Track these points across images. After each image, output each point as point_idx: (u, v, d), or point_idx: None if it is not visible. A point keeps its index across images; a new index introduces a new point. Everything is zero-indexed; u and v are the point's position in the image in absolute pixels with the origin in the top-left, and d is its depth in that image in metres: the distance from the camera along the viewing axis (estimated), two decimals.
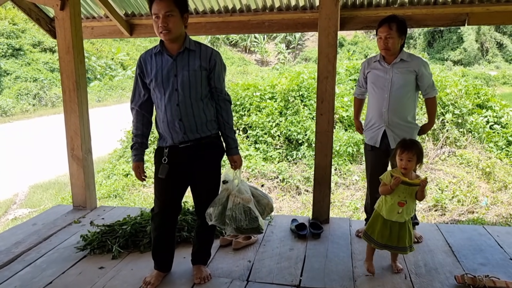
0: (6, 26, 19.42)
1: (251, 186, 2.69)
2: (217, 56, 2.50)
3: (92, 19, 4.62)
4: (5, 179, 8.07)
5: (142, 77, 2.49)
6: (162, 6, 2.28)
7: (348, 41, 30.54)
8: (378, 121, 3.19)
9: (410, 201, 2.66)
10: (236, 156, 2.61)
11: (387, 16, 3.13)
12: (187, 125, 2.45)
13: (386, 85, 3.14)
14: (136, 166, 2.56)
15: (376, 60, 3.24)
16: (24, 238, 3.40)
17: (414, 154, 2.62)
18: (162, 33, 2.34)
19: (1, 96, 16.77)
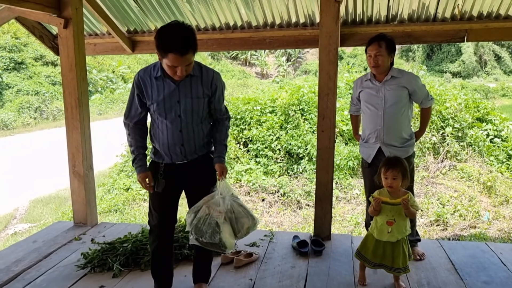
0: (8, 40, 19.56)
1: (239, 202, 2.53)
2: (218, 80, 2.50)
3: (94, 36, 4.67)
4: (6, 193, 8.05)
5: (141, 97, 2.43)
6: (183, 61, 2.21)
7: (347, 54, 30.73)
8: (374, 138, 3.24)
9: (399, 220, 2.63)
10: (218, 164, 2.52)
11: (376, 34, 3.19)
12: (187, 149, 2.48)
13: (379, 103, 3.17)
14: (145, 176, 2.49)
15: (367, 79, 3.28)
16: (24, 256, 3.39)
17: (398, 171, 2.61)
18: (177, 77, 2.29)
19: (3, 109, 16.82)
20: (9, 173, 9.36)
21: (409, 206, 2.57)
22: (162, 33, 2.21)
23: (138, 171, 2.50)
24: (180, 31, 2.18)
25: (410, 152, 3.25)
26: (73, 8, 3.64)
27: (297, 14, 4.05)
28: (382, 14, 3.92)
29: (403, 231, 2.65)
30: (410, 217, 2.65)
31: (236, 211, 2.47)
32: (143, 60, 24.89)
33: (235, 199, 2.51)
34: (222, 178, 2.48)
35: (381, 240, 2.67)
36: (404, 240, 2.69)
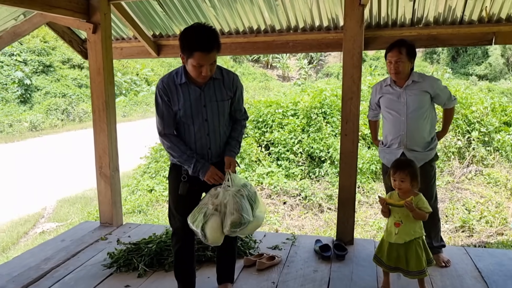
0: (37, 44, 20.15)
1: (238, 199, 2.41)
2: (238, 81, 2.57)
3: (121, 40, 4.78)
4: (34, 193, 8.29)
5: (170, 104, 2.44)
6: (208, 59, 2.26)
7: (370, 57, 30.39)
8: (396, 143, 3.20)
9: (406, 221, 2.59)
10: (226, 157, 2.52)
11: (396, 40, 3.14)
12: (214, 152, 2.53)
13: (401, 108, 3.13)
14: (215, 170, 2.45)
15: (387, 84, 3.24)
16: (53, 255, 3.49)
17: (406, 174, 2.57)
18: (202, 78, 2.33)
19: (32, 111, 17.33)
20: (37, 173, 9.63)
21: (414, 208, 2.52)
22: (187, 33, 2.27)
23: (205, 170, 2.45)
24: (203, 30, 2.25)
25: (432, 155, 3.21)
26: (101, 13, 3.74)
27: (321, 17, 4.05)
28: (407, 17, 3.88)
29: (411, 233, 2.59)
30: (418, 219, 2.59)
31: (229, 207, 2.39)
32: (166, 63, 25.24)
33: (237, 195, 2.42)
34: (229, 171, 2.47)
35: (393, 243, 2.64)
36: (418, 243, 2.63)
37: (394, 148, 3.22)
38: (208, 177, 2.45)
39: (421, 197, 2.61)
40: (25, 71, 18.37)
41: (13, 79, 17.88)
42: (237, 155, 2.61)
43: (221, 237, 2.45)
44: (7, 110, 17.03)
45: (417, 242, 2.63)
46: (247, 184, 2.54)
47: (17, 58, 18.94)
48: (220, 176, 2.47)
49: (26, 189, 8.42)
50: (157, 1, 4.11)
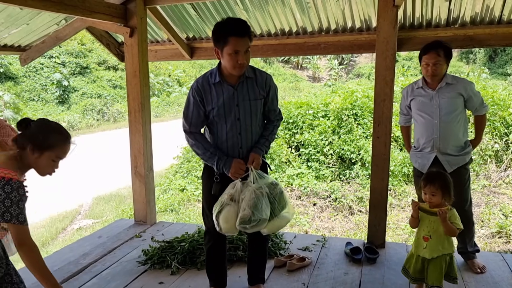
0: (75, 47, 20.86)
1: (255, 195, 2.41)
2: (272, 81, 2.60)
3: (156, 43, 4.91)
4: (72, 190, 8.61)
5: (201, 105, 2.49)
6: (243, 44, 2.32)
7: (402, 57, 29.77)
8: (429, 147, 3.13)
9: (435, 237, 2.47)
10: (252, 153, 2.52)
11: (433, 42, 3.07)
12: (245, 151, 2.55)
13: (434, 111, 3.07)
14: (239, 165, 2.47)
15: (418, 86, 3.17)
16: (90, 250, 3.63)
17: (437, 187, 2.42)
18: (238, 68, 2.37)
19: (69, 111, 17.97)
20: (74, 171, 9.98)
21: (446, 219, 2.39)
22: (220, 24, 2.37)
23: (229, 165, 2.48)
24: (235, 18, 2.38)
25: (467, 159, 3.13)
26: (138, 17, 3.86)
27: (353, 19, 4.03)
28: (442, 17, 3.81)
29: (439, 249, 2.48)
30: (448, 234, 2.45)
31: (244, 202, 2.40)
32: (197, 64, 25.58)
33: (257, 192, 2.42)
34: (251, 166, 2.47)
35: (421, 256, 2.56)
36: (445, 260, 2.50)
37: (426, 152, 3.15)
38: (233, 173, 2.47)
39: (454, 212, 2.48)
40: (63, 72, 19.07)
41: (52, 81, 18.59)
42: (264, 153, 2.60)
43: (234, 228, 2.45)
44: (47, 110, 17.72)
45: (444, 258, 2.50)
46: (275, 183, 2.53)
47: (56, 60, 19.69)
48: (242, 173, 2.48)
49: (64, 186, 8.74)
50: (191, 4, 4.20)
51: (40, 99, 18.22)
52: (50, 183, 8.88)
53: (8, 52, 4.35)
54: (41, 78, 18.77)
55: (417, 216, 2.54)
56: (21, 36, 4.21)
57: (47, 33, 4.28)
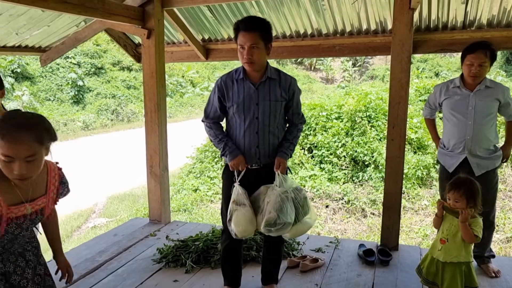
0: (90, 47, 21.15)
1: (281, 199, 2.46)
2: (295, 85, 2.62)
3: (172, 45, 4.97)
4: (86, 189, 8.73)
5: (222, 100, 2.58)
6: (248, 39, 2.39)
7: (417, 59, 29.50)
8: (460, 148, 3.09)
9: (452, 241, 2.42)
10: (277, 158, 2.57)
11: (480, 42, 3.02)
12: (262, 152, 2.57)
13: (468, 112, 3.02)
14: (242, 159, 2.54)
15: (455, 86, 3.12)
16: (106, 248, 3.69)
17: (461, 194, 2.36)
18: (246, 63, 2.46)
19: (84, 111, 18.22)
20: (89, 170, 10.13)
21: (467, 220, 2.33)
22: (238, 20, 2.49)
23: (235, 154, 2.54)
24: (251, 16, 2.51)
25: (497, 164, 3.10)
26: (155, 20, 3.92)
27: (368, 21, 4.04)
28: (458, 19, 3.80)
29: (453, 255, 2.42)
30: (464, 237, 2.38)
31: (269, 206, 2.45)
32: (210, 65, 25.71)
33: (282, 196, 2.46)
34: (278, 171, 2.53)
35: (435, 258, 2.53)
36: (461, 269, 2.42)
37: (457, 152, 3.11)
38: (233, 163, 2.54)
39: (479, 220, 2.40)
40: (78, 73, 19.34)
41: (68, 81, 18.88)
42: (289, 157, 2.64)
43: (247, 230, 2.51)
44: (62, 110, 18.00)
45: (460, 267, 2.43)
46: (299, 188, 2.59)
47: (72, 60, 19.99)
48: (241, 168, 2.54)
49: (79, 185, 8.86)
50: (207, 6, 4.25)
51: (56, 99, 18.52)
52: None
53: (29, 53, 4.46)
54: (57, 78, 19.08)
55: (441, 215, 2.50)
56: (42, 38, 4.31)
57: (67, 34, 4.38)
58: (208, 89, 23.08)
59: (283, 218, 2.42)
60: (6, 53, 4.44)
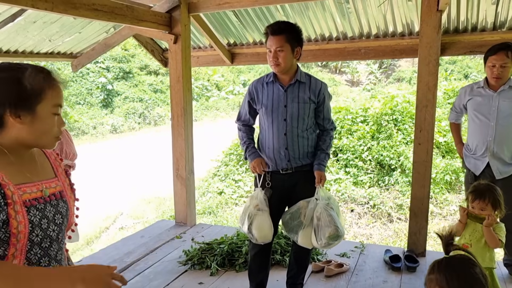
0: (119, 52, 21.62)
1: (330, 212, 2.51)
2: (326, 90, 2.64)
3: (198, 49, 5.04)
4: (115, 191, 8.93)
5: (252, 104, 2.69)
6: (273, 42, 2.46)
7: (445, 60, 28.78)
8: (482, 150, 3.06)
9: (475, 247, 2.36)
10: (317, 172, 2.62)
11: (501, 43, 2.98)
12: (291, 154, 2.59)
13: (491, 113, 3.00)
14: (260, 161, 2.62)
15: (479, 86, 3.11)
16: (134, 249, 3.77)
17: (487, 203, 2.32)
18: (272, 66, 2.52)
19: (113, 114, 18.63)
20: (118, 172, 10.35)
21: (491, 224, 2.30)
22: None
23: (253, 157, 2.65)
24: (280, 20, 2.57)
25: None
26: (182, 25, 3.99)
27: (395, 23, 3.99)
28: (488, 21, 3.71)
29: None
30: (490, 244, 2.34)
31: (323, 220, 2.49)
32: (235, 69, 25.83)
33: (328, 208, 2.53)
34: (320, 185, 2.58)
35: None
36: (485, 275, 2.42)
37: (479, 154, 3.09)
38: (253, 165, 2.62)
39: (501, 225, 2.38)
40: (108, 77, 19.81)
41: (97, 85, 19.36)
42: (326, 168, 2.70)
43: (269, 235, 2.56)
44: (92, 113, 18.46)
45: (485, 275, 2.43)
46: (331, 197, 2.63)
47: (101, 65, 20.48)
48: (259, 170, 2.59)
49: (108, 187, 9.08)
50: (233, 11, 4.29)
51: (86, 103, 19.00)
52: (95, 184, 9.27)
53: (61, 59, 4.62)
54: (87, 82, 19.59)
55: (465, 221, 2.46)
56: (73, 44, 4.45)
57: (97, 40, 4.51)
58: (233, 93, 23.20)
59: (341, 229, 2.51)
60: (40, 59, 4.61)
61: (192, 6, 4.03)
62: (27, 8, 2.93)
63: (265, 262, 2.81)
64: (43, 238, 1.18)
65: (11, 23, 3.60)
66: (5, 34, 3.78)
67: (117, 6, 3.34)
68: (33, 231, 1.15)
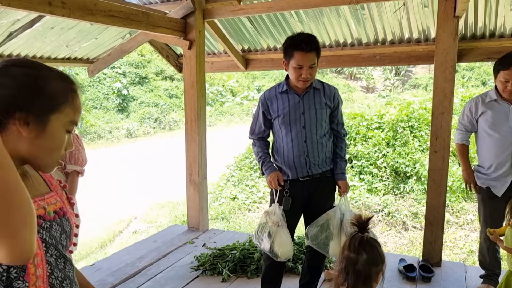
0: (135, 57, 21.91)
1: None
2: (339, 94, 2.65)
3: (212, 55, 5.07)
4: (129, 195, 9.00)
5: (266, 114, 2.64)
6: (308, 59, 2.41)
7: (462, 67, 28.41)
8: (504, 168, 2.83)
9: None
10: (341, 181, 2.64)
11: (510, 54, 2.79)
12: (312, 161, 2.57)
13: (510, 126, 2.79)
14: (276, 175, 2.57)
15: (491, 99, 2.88)
16: (146, 254, 3.78)
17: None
18: (302, 81, 2.46)
19: (128, 119, 18.85)
20: (132, 176, 10.45)
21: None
22: (289, 37, 2.51)
23: (269, 171, 2.60)
24: (304, 34, 2.49)
25: None
26: (197, 31, 4.01)
27: (411, 29, 3.95)
28: (507, 27, 3.64)
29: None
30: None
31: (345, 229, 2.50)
32: (250, 75, 25.92)
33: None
34: (345, 194, 2.60)
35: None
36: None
37: (499, 174, 2.85)
38: (270, 179, 2.58)
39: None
40: (123, 82, 20.07)
41: (113, 90, 19.63)
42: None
43: (291, 250, 2.55)
44: (108, 118, 18.71)
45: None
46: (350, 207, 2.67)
47: (117, 70, 20.77)
48: (277, 184, 2.56)
49: (122, 191, 9.16)
50: (247, 17, 4.30)
51: (102, 107, 19.27)
52: (110, 188, 9.37)
53: (78, 64, 4.69)
54: (103, 87, 19.87)
55: (497, 239, 2.42)
56: (90, 49, 4.52)
57: (113, 46, 4.57)
58: (247, 98, 23.26)
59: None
60: (57, 65, 4.68)
61: (207, 12, 4.06)
62: (45, 15, 2.98)
63: (279, 272, 2.77)
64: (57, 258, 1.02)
65: (29, 29, 3.67)
66: (23, 39, 3.86)
67: (133, 13, 3.38)
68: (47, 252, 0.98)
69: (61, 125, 0.98)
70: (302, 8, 3.72)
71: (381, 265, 1.67)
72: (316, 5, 3.59)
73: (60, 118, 0.96)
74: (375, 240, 1.73)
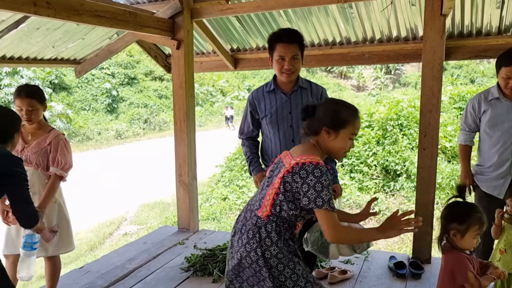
0: (124, 58, 21.78)
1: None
2: (326, 94, 2.68)
3: (201, 55, 5.04)
4: (119, 197, 8.94)
5: (254, 114, 2.66)
6: (289, 50, 2.44)
7: (451, 65, 28.73)
8: (504, 167, 2.82)
9: (510, 252, 2.34)
10: (335, 185, 2.64)
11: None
12: None
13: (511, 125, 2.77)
14: (262, 175, 2.55)
15: (493, 97, 2.86)
16: (136, 255, 3.75)
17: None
18: (285, 74, 2.48)
19: (117, 120, 18.71)
20: (121, 178, 10.37)
21: None
22: (272, 33, 2.56)
23: (256, 172, 2.65)
24: (286, 28, 2.57)
25: None
26: (185, 31, 3.99)
27: (398, 28, 3.97)
28: (493, 25, 3.68)
29: (510, 265, 2.35)
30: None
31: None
32: (240, 74, 25.94)
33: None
34: (339, 197, 2.61)
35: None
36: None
37: (499, 172, 2.84)
38: (256, 179, 2.62)
39: None
40: (112, 83, 19.93)
41: (102, 90, 19.48)
42: None
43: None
44: (97, 119, 18.57)
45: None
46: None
47: (106, 71, 20.63)
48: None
49: (112, 193, 9.08)
50: (236, 16, 4.29)
51: (91, 109, 19.12)
52: (99, 190, 9.29)
53: (65, 65, 4.63)
54: (92, 88, 19.72)
55: (500, 224, 2.41)
56: (77, 50, 4.47)
57: (100, 46, 4.52)
58: (238, 98, 23.26)
59: None
60: (44, 66, 4.63)
61: (194, 12, 4.03)
62: (30, 15, 2.94)
63: None
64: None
65: (14, 30, 3.62)
66: (9, 40, 3.80)
67: (120, 12, 3.34)
68: None
69: (346, 135, 1.79)
70: (291, 7, 3.72)
71: None
72: (304, 4, 3.58)
73: (346, 131, 1.79)
74: None
